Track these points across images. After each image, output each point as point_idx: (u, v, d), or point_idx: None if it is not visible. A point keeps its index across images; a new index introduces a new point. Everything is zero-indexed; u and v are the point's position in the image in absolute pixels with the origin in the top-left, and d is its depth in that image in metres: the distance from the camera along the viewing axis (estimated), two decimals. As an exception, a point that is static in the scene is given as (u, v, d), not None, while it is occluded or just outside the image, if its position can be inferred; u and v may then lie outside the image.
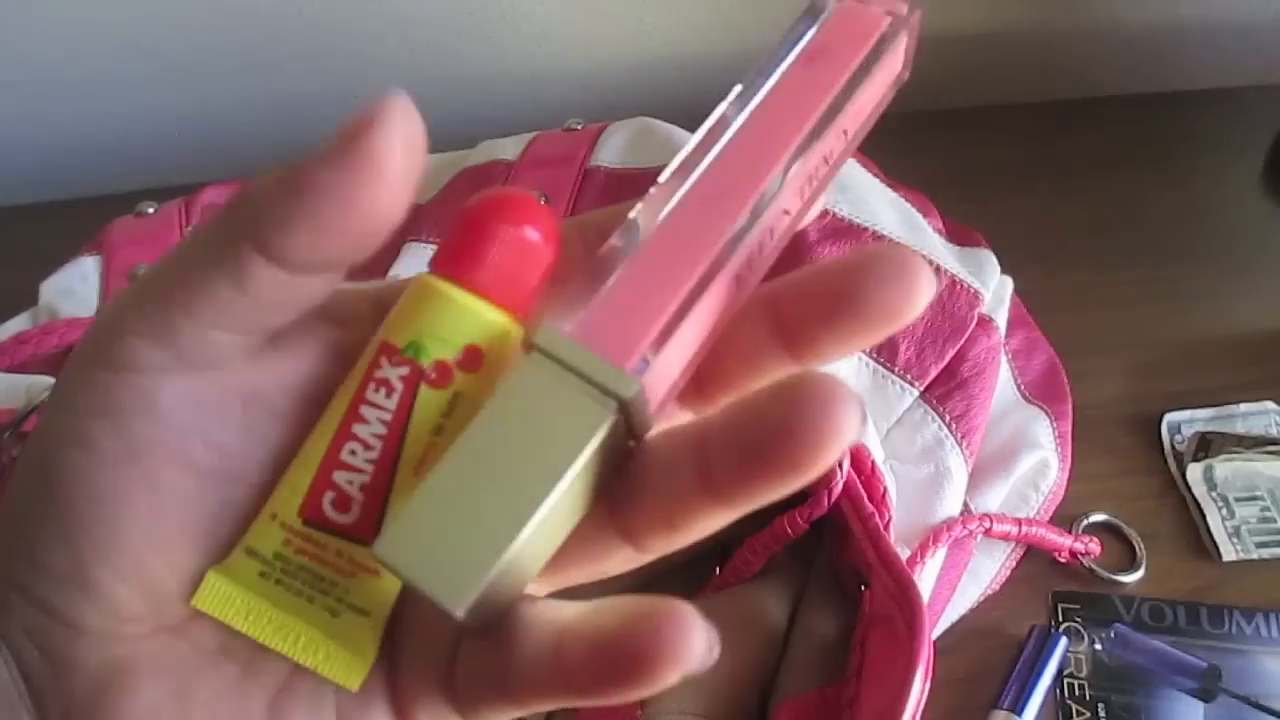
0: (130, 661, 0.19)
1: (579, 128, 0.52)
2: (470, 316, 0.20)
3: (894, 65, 0.21)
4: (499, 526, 0.17)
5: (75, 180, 0.63)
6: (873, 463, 0.38)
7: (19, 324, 0.43)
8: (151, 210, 0.48)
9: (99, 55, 0.62)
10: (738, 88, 0.21)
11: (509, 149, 0.51)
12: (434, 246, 0.47)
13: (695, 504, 0.18)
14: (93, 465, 0.18)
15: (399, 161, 0.17)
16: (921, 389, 0.42)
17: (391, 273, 0.46)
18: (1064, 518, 0.45)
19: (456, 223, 0.20)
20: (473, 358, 0.20)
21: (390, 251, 0.47)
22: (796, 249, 0.43)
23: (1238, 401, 0.49)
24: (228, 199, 0.18)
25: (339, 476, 0.20)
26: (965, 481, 0.42)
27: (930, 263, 0.44)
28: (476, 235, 0.20)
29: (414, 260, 0.47)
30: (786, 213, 0.20)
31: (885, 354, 0.42)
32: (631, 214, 0.19)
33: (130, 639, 0.19)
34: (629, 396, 0.18)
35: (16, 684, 0.18)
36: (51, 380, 0.37)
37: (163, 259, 0.19)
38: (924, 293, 0.18)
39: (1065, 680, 0.40)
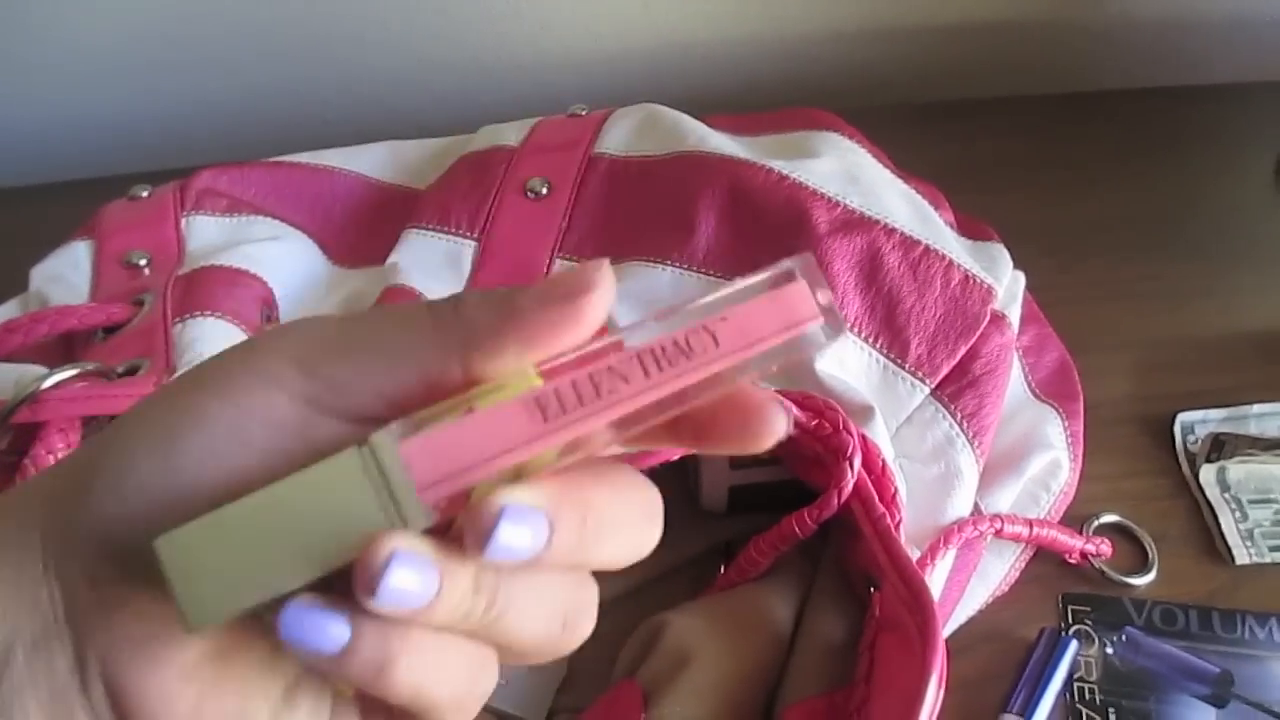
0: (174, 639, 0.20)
1: (583, 114, 0.51)
2: None
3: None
4: (260, 580, 0.19)
5: (67, 163, 0.62)
6: (884, 462, 0.37)
7: (8, 311, 0.42)
8: (145, 194, 0.47)
9: (92, 39, 0.61)
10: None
11: (511, 135, 0.50)
12: (434, 233, 0.47)
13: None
14: (197, 421, 0.20)
15: (593, 322, 0.20)
16: (932, 386, 0.42)
17: (391, 259, 0.45)
18: (1074, 518, 0.44)
19: None
20: None
21: (390, 239, 0.46)
22: (803, 242, 0.42)
23: (1252, 402, 0.48)
24: (431, 315, 0.20)
25: None
26: (976, 481, 0.41)
27: (943, 257, 0.43)
28: None
29: (413, 247, 0.46)
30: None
31: (896, 350, 0.42)
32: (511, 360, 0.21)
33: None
34: (417, 526, 0.19)
35: (58, 620, 0.19)
36: (42, 370, 0.36)
37: (333, 330, 0.21)
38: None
39: (1075, 684, 0.40)
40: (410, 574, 0.18)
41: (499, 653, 0.21)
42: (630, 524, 0.21)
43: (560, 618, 0.21)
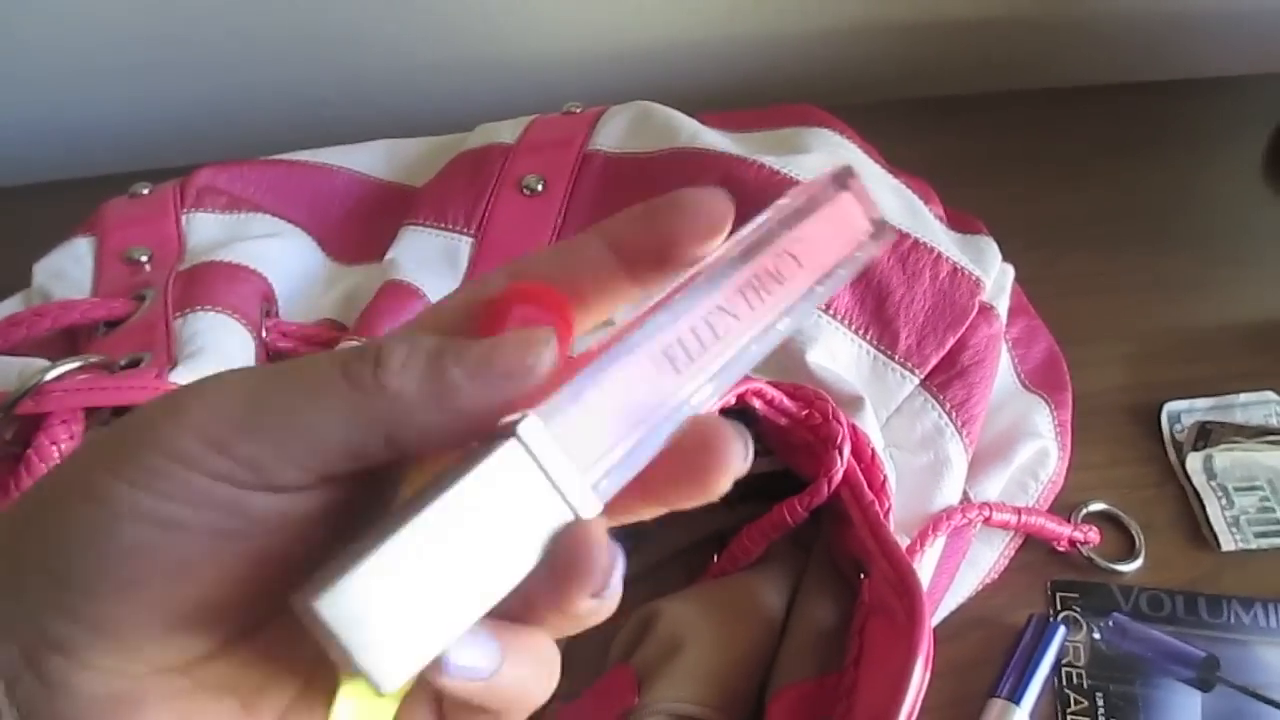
0: (135, 694, 0.18)
1: (578, 111, 0.52)
2: None
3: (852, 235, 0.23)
4: (447, 616, 0.17)
5: (69, 162, 0.62)
6: (873, 450, 0.38)
7: (11, 306, 0.43)
8: (146, 191, 0.48)
9: (95, 39, 0.61)
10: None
11: (507, 132, 0.51)
12: (431, 230, 0.47)
13: None
14: (119, 515, 0.18)
15: (537, 386, 0.19)
16: (922, 377, 0.42)
17: (389, 255, 0.46)
18: (1063, 507, 0.45)
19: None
20: None
21: (388, 236, 0.47)
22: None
23: (1238, 391, 0.48)
24: (347, 381, 0.19)
25: None
26: (965, 470, 0.42)
27: (932, 250, 0.43)
28: None
29: (410, 244, 0.46)
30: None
31: (886, 341, 0.42)
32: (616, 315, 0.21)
33: (136, 675, 0.19)
34: (588, 516, 0.18)
35: (3, 705, 0.18)
36: (45, 362, 0.36)
37: (243, 404, 0.19)
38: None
39: (1063, 669, 0.40)
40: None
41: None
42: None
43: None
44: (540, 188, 0.48)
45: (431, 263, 0.46)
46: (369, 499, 0.20)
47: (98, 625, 0.18)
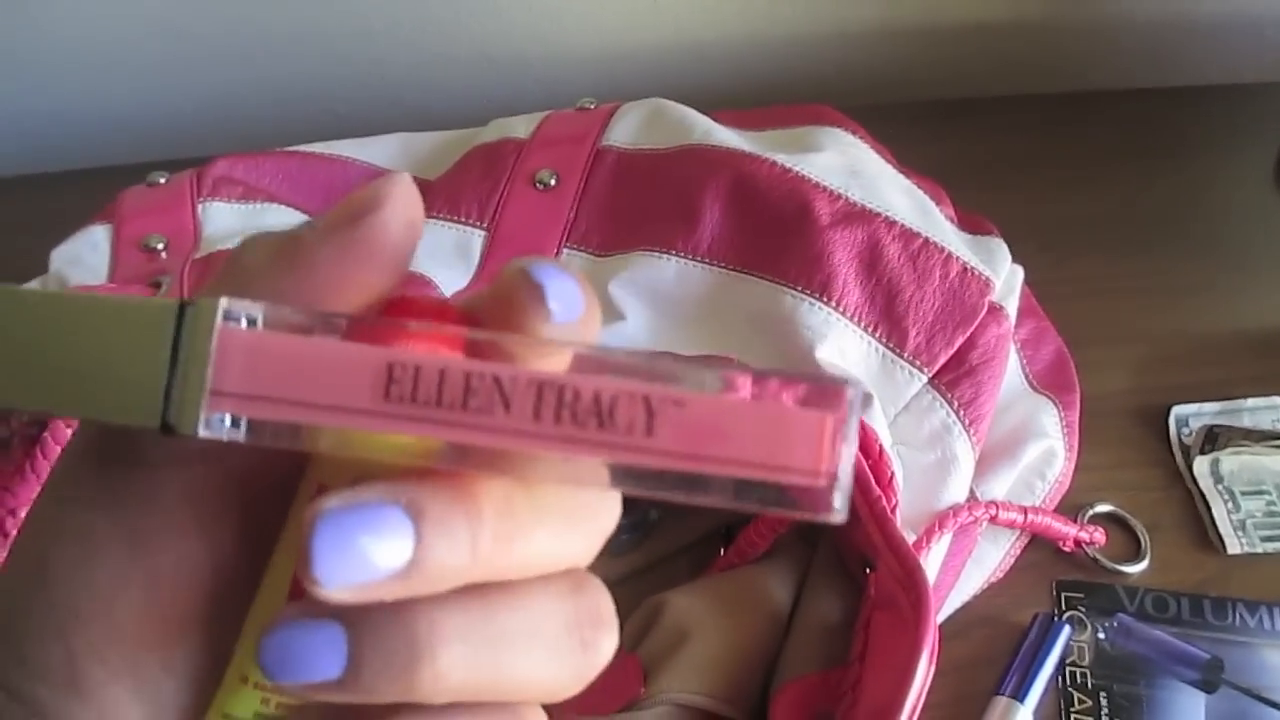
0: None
1: (591, 107, 0.52)
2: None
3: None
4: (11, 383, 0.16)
5: (87, 151, 0.63)
6: (880, 447, 0.38)
7: (28, 291, 0.43)
8: (163, 180, 0.48)
9: (114, 31, 0.62)
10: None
11: (520, 128, 0.51)
12: (444, 222, 0.48)
13: None
14: (90, 558, 0.17)
15: (395, 245, 0.17)
16: (930, 375, 0.42)
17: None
18: (1069, 507, 0.45)
19: None
20: None
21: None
22: (806, 234, 0.43)
23: (1245, 396, 0.49)
24: (220, 268, 0.18)
25: None
26: (972, 468, 0.42)
27: (942, 250, 0.43)
28: None
29: (424, 236, 0.47)
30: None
31: (895, 339, 0.42)
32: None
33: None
34: (187, 427, 0.16)
35: None
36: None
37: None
38: None
39: (1067, 668, 0.41)
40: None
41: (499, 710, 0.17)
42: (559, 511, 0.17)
43: (569, 637, 0.17)
44: (553, 182, 0.48)
45: (444, 255, 0.46)
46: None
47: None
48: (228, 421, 0.16)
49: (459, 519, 0.15)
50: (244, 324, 0.16)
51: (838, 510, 0.15)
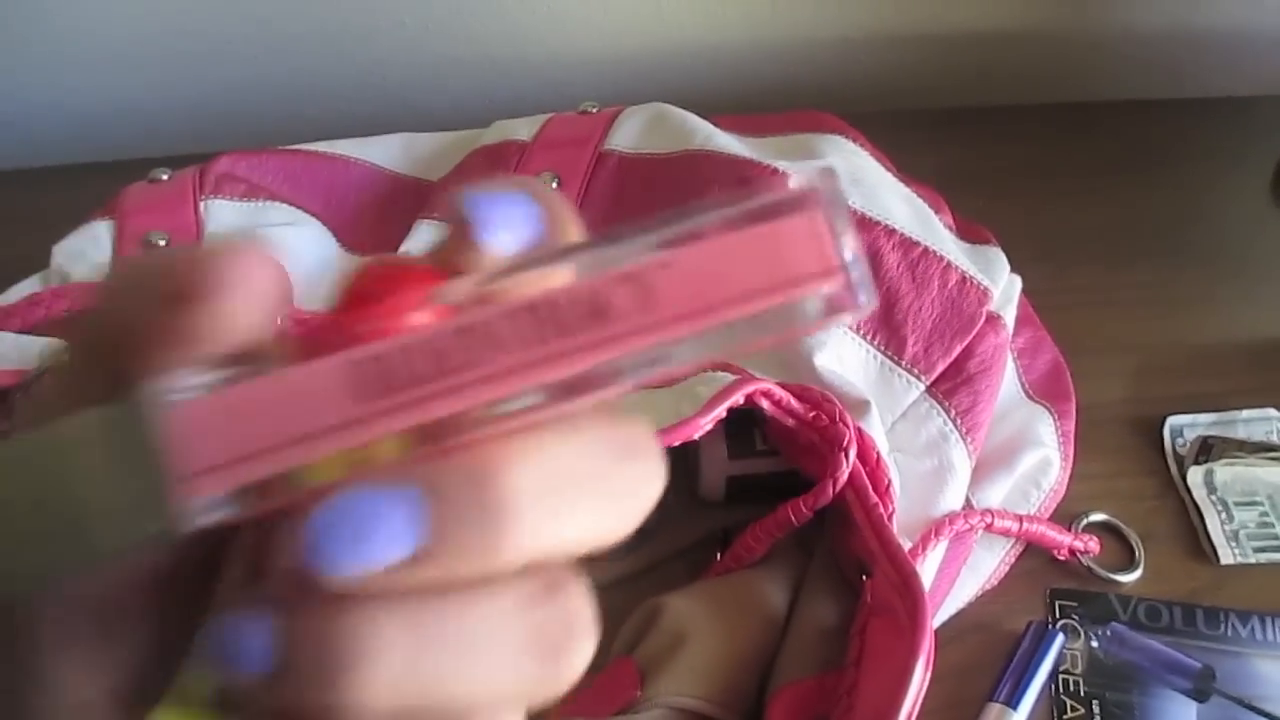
0: None
1: (594, 111, 0.52)
2: None
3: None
4: None
5: (90, 146, 0.63)
6: (878, 454, 0.38)
7: (30, 286, 0.43)
8: (165, 177, 0.48)
9: (120, 26, 0.62)
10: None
11: (523, 130, 0.51)
12: (445, 224, 0.47)
13: None
14: None
15: (241, 328, 0.15)
16: (928, 383, 0.43)
17: (403, 248, 0.46)
18: (1064, 516, 0.45)
19: None
20: None
21: (403, 228, 0.48)
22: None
23: (1240, 407, 0.49)
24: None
25: None
26: (968, 476, 0.42)
27: (941, 259, 0.44)
28: None
29: (426, 237, 0.47)
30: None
31: (893, 347, 0.43)
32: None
33: None
34: (168, 525, 0.14)
35: None
36: (64, 342, 0.37)
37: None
38: None
39: (1060, 676, 0.41)
40: None
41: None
42: (597, 476, 0.15)
43: (532, 646, 0.15)
44: (555, 185, 0.48)
45: (445, 256, 0.46)
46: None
47: None
48: (213, 499, 0.14)
49: (479, 498, 0.14)
50: (185, 395, 0.14)
51: (863, 302, 0.14)
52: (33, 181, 0.60)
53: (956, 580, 0.42)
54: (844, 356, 0.42)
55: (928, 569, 0.40)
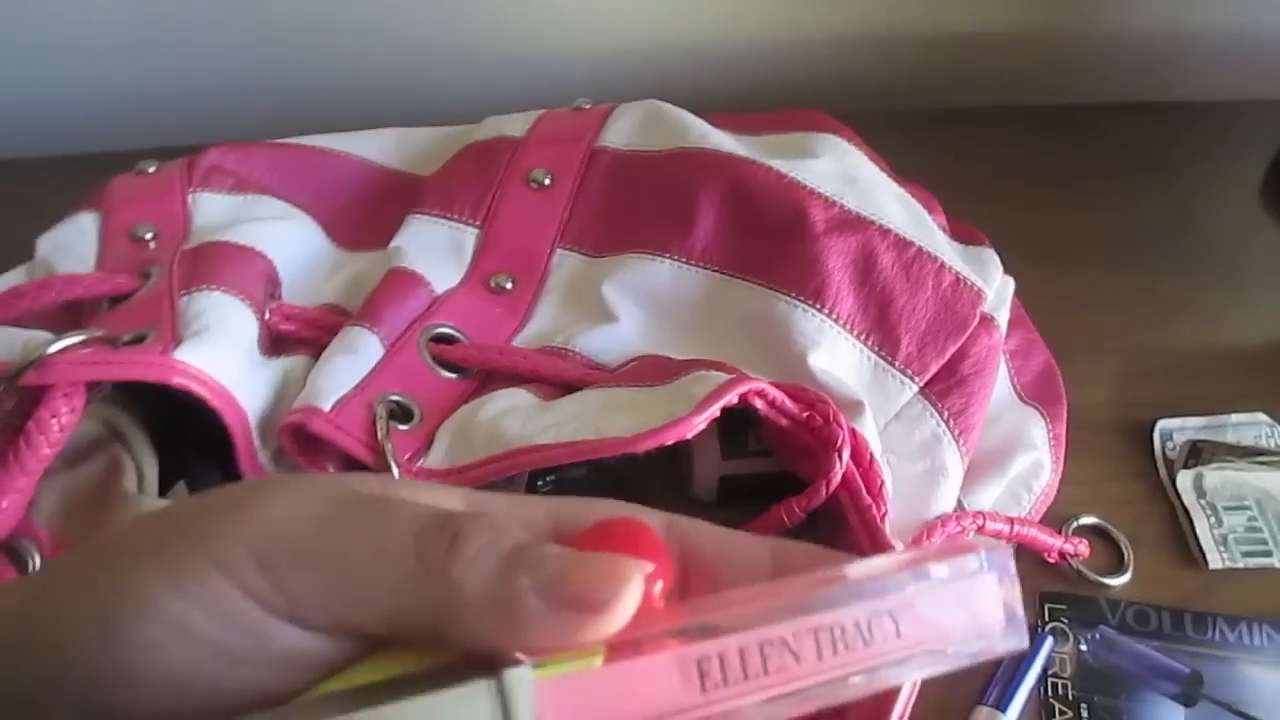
0: None
1: (587, 108, 0.52)
2: None
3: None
4: None
5: (76, 136, 0.62)
6: (871, 456, 0.38)
7: (14, 278, 0.43)
8: (152, 169, 0.48)
9: (106, 14, 0.61)
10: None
11: (515, 126, 0.51)
12: (437, 219, 0.47)
13: None
14: (139, 610, 0.17)
15: (608, 634, 0.17)
16: (921, 384, 0.42)
17: (394, 243, 0.46)
18: (1054, 519, 0.45)
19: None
20: None
21: (393, 224, 0.47)
22: (800, 240, 0.43)
23: (1230, 411, 0.49)
24: (420, 558, 0.18)
25: None
26: (960, 478, 0.42)
27: (935, 259, 0.44)
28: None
29: (416, 232, 0.46)
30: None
31: (886, 348, 0.42)
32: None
33: None
34: None
35: None
36: (49, 335, 0.36)
37: (319, 505, 0.18)
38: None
39: (1049, 680, 0.41)
40: None
41: None
42: None
43: None
44: (548, 182, 0.48)
45: (436, 252, 0.46)
46: None
47: (87, 709, 0.18)
48: None
49: None
50: (534, 678, 0.16)
51: (1020, 641, 0.20)
52: (17, 172, 0.59)
53: (947, 583, 0.42)
54: (838, 357, 0.42)
55: (919, 571, 0.40)
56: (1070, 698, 0.40)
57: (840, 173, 0.46)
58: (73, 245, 0.44)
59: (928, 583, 0.19)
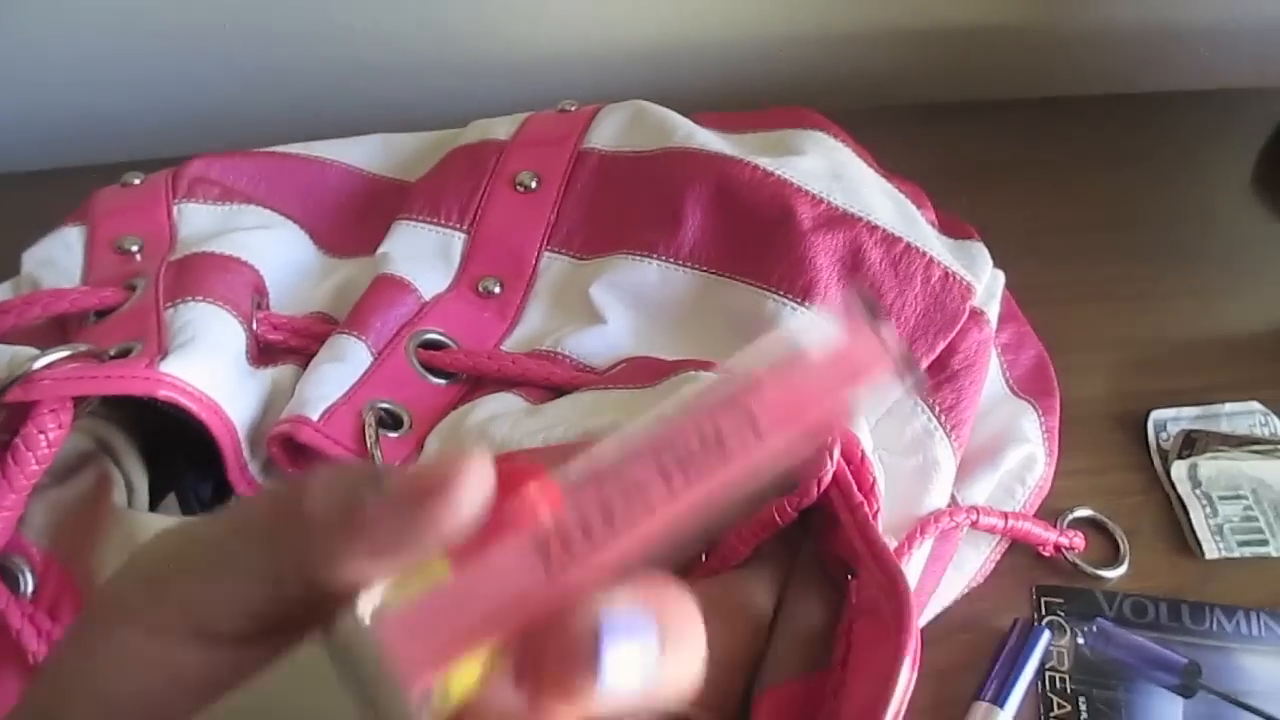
0: None
1: (573, 109, 0.52)
2: None
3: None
4: None
5: (60, 150, 0.62)
6: (862, 452, 0.38)
7: (0, 294, 0.43)
8: (137, 181, 0.47)
9: (89, 27, 0.61)
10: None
11: (501, 129, 0.51)
12: (424, 224, 0.47)
13: None
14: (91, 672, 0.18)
15: (459, 526, 0.17)
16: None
17: (381, 249, 0.46)
18: (1049, 512, 0.45)
19: None
20: None
21: (380, 230, 0.47)
22: (788, 238, 0.43)
23: (1224, 401, 0.49)
24: (273, 509, 0.18)
25: None
26: (953, 473, 0.42)
27: (924, 254, 0.43)
28: None
29: (403, 238, 0.46)
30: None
31: (876, 344, 0.42)
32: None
33: None
34: None
35: None
36: (34, 351, 0.36)
37: (177, 542, 0.18)
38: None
39: (1047, 673, 0.41)
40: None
41: None
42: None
43: None
44: (534, 185, 0.48)
45: (424, 257, 0.46)
46: None
47: None
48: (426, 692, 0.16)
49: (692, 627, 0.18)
50: (372, 618, 0.16)
51: (909, 379, 0.18)
52: (1, 187, 0.59)
53: (942, 578, 0.42)
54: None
55: (913, 567, 0.40)
56: (1068, 691, 0.40)
57: (827, 169, 0.46)
58: (58, 259, 0.44)
59: (767, 355, 0.17)
